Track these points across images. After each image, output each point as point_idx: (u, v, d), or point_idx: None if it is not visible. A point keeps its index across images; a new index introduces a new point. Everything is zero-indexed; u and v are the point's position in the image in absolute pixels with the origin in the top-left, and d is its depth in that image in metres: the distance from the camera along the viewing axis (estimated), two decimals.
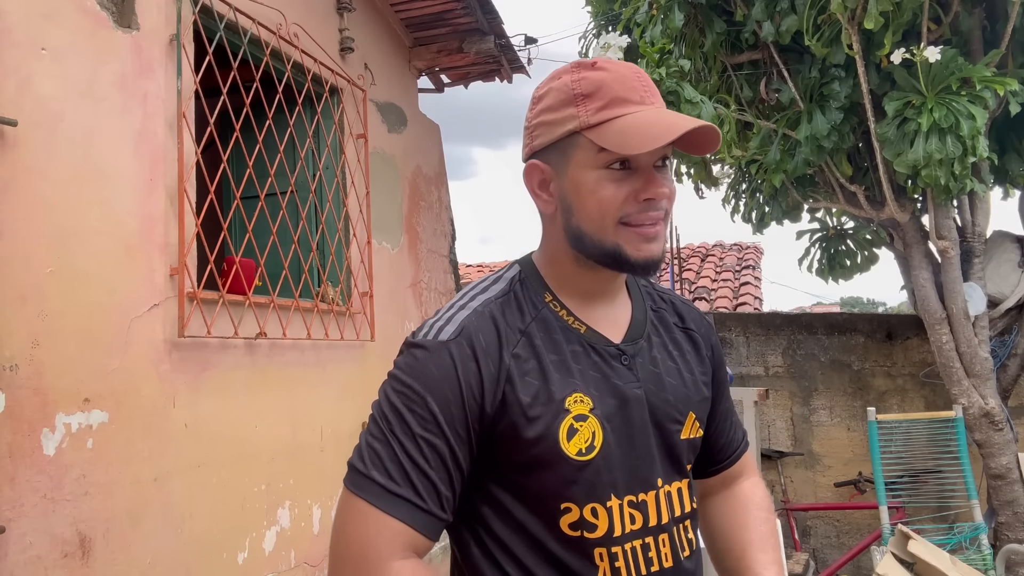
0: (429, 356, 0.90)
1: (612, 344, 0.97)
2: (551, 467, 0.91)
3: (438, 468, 0.87)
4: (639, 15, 3.81)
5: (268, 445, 3.18)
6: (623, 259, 0.92)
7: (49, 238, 2.28)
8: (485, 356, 0.90)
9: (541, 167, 0.96)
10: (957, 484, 3.81)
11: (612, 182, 0.91)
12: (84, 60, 2.45)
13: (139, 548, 2.51)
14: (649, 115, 0.90)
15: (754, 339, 4.99)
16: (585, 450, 0.91)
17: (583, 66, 0.94)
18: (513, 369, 0.91)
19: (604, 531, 0.92)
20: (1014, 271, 3.95)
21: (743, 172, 4.21)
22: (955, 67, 2.99)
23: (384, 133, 4.34)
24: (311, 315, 3.49)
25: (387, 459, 0.87)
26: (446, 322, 0.93)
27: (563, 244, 0.97)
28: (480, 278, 1.03)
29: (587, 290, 0.99)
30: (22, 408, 2.16)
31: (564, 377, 0.93)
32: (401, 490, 0.86)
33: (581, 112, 0.91)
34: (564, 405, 0.91)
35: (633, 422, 0.96)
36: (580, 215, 0.93)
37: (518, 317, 0.95)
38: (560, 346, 0.94)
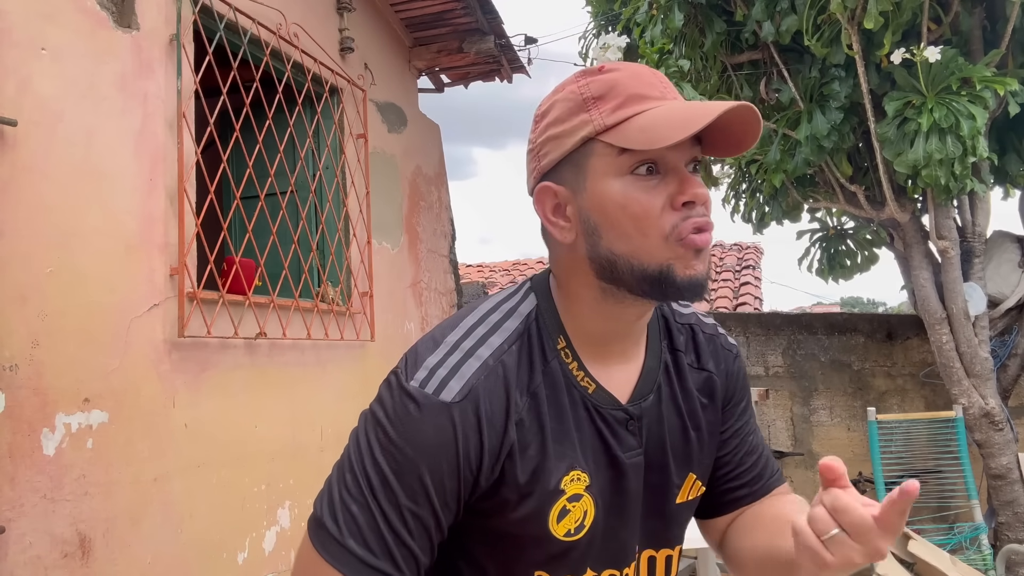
0: (427, 418, 0.76)
1: (620, 407, 0.85)
2: (535, 543, 0.83)
3: (420, 538, 0.78)
4: (639, 15, 3.81)
5: (268, 445, 3.18)
6: (671, 281, 0.77)
7: (49, 238, 2.28)
8: (489, 427, 0.78)
9: (554, 189, 0.82)
10: (957, 484, 3.81)
11: (642, 190, 0.77)
12: (84, 60, 2.45)
13: (139, 548, 2.51)
14: (674, 106, 0.77)
15: (754, 339, 4.99)
16: (574, 531, 0.83)
17: (589, 72, 0.82)
18: (515, 442, 0.80)
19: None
20: (1014, 271, 3.95)
21: (743, 172, 4.21)
22: (955, 67, 2.99)
23: (384, 133, 4.34)
24: (311, 315, 3.49)
25: (366, 528, 0.76)
26: (450, 374, 0.79)
27: (587, 277, 0.82)
28: (492, 300, 0.88)
29: (605, 334, 0.85)
30: (22, 408, 2.16)
31: (564, 451, 0.82)
32: (380, 563, 0.76)
33: (595, 115, 0.78)
34: (560, 486, 0.81)
35: (628, 493, 0.86)
36: (611, 236, 0.78)
37: (527, 372, 0.82)
38: (564, 411, 0.83)
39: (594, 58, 3.50)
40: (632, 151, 0.76)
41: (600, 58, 3.40)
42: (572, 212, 0.81)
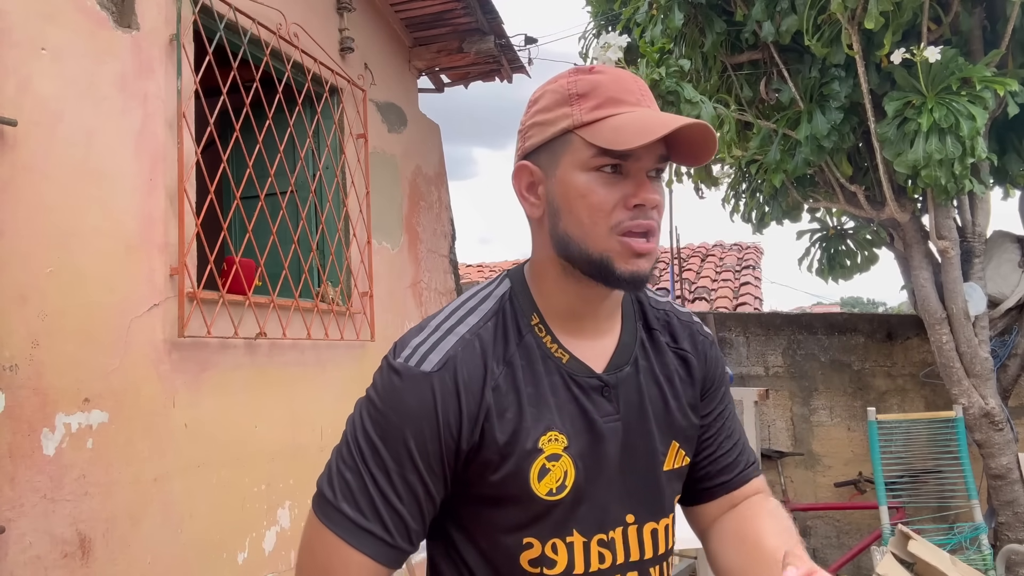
0: (409, 386, 0.85)
1: (594, 375, 0.92)
2: (519, 504, 0.88)
3: (409, 503, 0.85)
4: (639, 15, 3.81)
5: (268, 445, 3.18)
6: (609, 271, 0.86)
7: (49, 238, 2.28)
8: (467, 392, 0.85)
9: (531, 168, 0.91)
10: (957, 484, 3.81)
11: (603, 185, 0.85)
12: (84, 60, 2.45)
13: (139, 548, 2.51)
14: (644, 113, 0.86)
15: (754, 339, 4.99)
16: (556, 490, 0.88)
17: (580, 70, 0.90)
18: (492, 406, 0.86)
19: (563, 568, 0.89)
20: (1014, 271, 3.95)
21: (743, 172, 4.21)
22: (955, 67, 2.99)
23: (384, 133, 4.34)
24: (311, 315, 3.49)
25: (358, 492, 0.84)
26: (431, 348, 0.87)
27: (550, 252, 0.91)
28: (472, 289, 0.98)
29: (574, 308, 0.93)
30: (22, 408, 2.16)
31: (540, 413, 0.88)
32: (370, 525, 0.84)
33: (575, 111, 0.87)
34: (537, 445, 0.87)
35: (608, 458, 0.91)
36: (568, 219, 0.87)
37: (503, 344, 0.90)
38: (540, 378, 0.90)
39: (594, 58, 3.50)
40: (602, 150, 0.85)
41: (601, 57, 3.40)
42: (542, 192, 0.91)
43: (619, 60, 3.33)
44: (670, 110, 3.31)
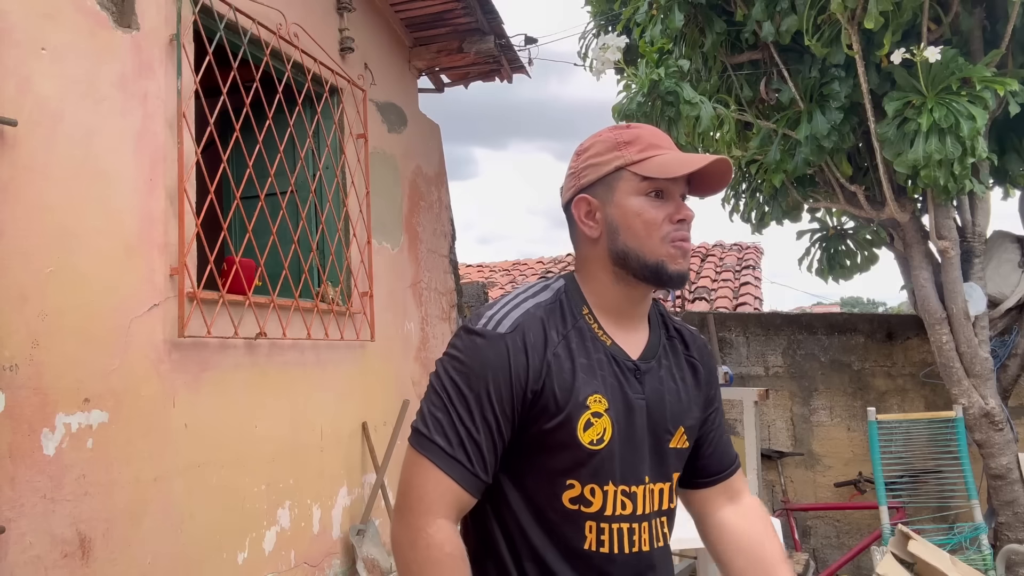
0: (488, 344, 1.08)
1: (630, 359, 1.16)
2: (567, 449, 1.09)
3: (487, 437, 1.06)
4: (639, 15, 3.81)
5: (268, 445, 3.18)
6: (663, 271, 1.12)
7: (49, 238, 2.28)
8: (533, 351, 1.09)
9: (589, 199, 1.16)
10: (957, 484, 3.81)
11: (653, 207, 1.12)
12: (84, 60, 2.45)
13: (139, 548, 2.51)
14: (678, 154, 1.14)
15: (754, 339, 4.99)
16: (596, 441, 1.10)
17: (621, 127, 1.18)
18: (552, 365, 1.09)
19: (598, 508, 1.11)
20: (1014, 271, 3.95)
21: (743, 172, 4.21)
22: (955, 67, 2.99)
23: (384, 133, 4.34)
24: (311, 315, 3.49)
25: (447, 426, 1.06)
26: (503, 317, 1.11)
27: (605, 264, 1.16)
28: (529, 284, 1.20)
29: (618, 308, 1.18)
30: (22, 408, 2.16)
31: (589, 379, 1.11)
32: (456, 453, 1.05)
33: (625, 153, 1.14)
34: (585, 402, 1.09)
35: (635, 426, 1.14)
36: (627, 235, 1.13)
37: (560, 323, 1.14)
38: (590, 353, 1.13)
39: (594, 58, 3.49)
40: (649, 179, 1.12)
41: (599, 59, 3.40)
42: (600, 217, 1.16)
43: (618, 60, 3.33)
44: (670, 110, 3.31)
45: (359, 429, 3.86)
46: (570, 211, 1.19)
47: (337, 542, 3.60)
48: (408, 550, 1.05)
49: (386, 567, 3.73)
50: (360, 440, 3.86)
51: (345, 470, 3.70)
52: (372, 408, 3.92)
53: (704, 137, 3.34)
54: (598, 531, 1.11)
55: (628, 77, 3.44)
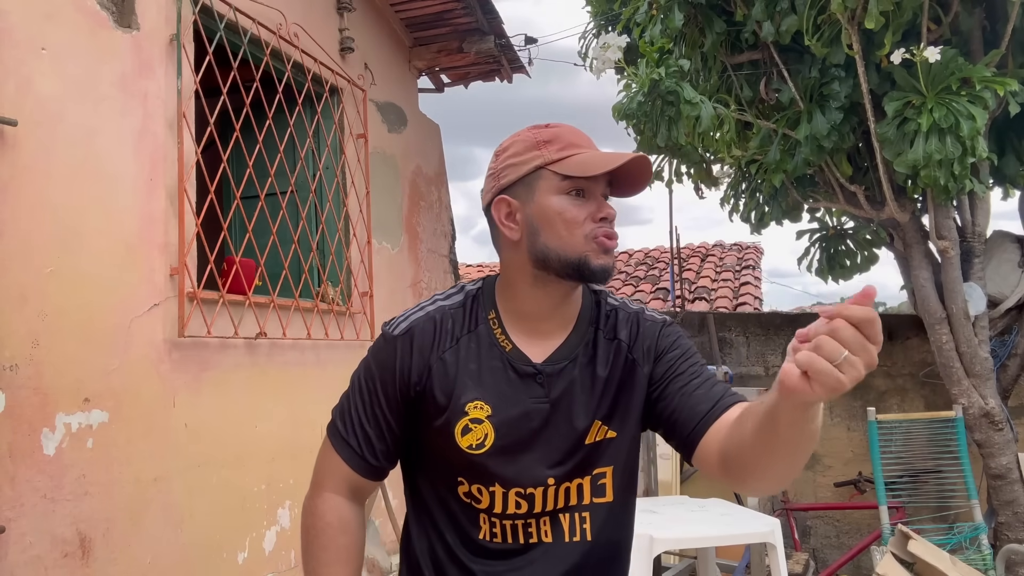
0: (384, 345, 1.19)
1: (530, 364, 1.16)
2: (449, 451, 1.15)
3: (374, 428, 1.18)
4: (639, 15, 3.80)
5: (268, 445, 3.18)
6: (586, 267, 1.11)
7: (49, 238, 2.28)
8: (419, 353, 1.16)
9: (509, 200, 1.15)
10: (957, 484, 3.81)
11: (574, 205, 1.12)
12: (84, 60, 2.45)
13: (139, 548, 2.52)
14: (597, 153, 1.13)
15: (754, 339, 4.99)
16: (475, 446, 1.14)
17: (540, 126, 1.17)
18: (436, 369, 1.15)
19: (487, 506, 1.16)
20: (1014, 271, 3.95)
21: (743, 172, 4.21)
22: (955, 67, 2.98)
23: (384, 133, 4.34)
24: (311, 315, 3.49)
25: (346, 413, 1.20)
26: (404, 320, 1.19)
27: (524, 266, 1.15)
28: (455, 284, 1.27)
29: (532, 312, 1.18)
30: (22, 408, 2.16)
31: (473, 385, 1.15)
32: (348, 437, 1.19)
33: (544, 152, 1.13)
34: (464, 408, 1.14)
35: (532, 431, 1.15)
36: (548, 234, 1.12)
37: (459, 327, 1.18)
38: (482, 360, 1.16)
39: (594, 58, 3.49)
40: (570, 178, 1.11)
41: (600, 57, 3.40)
42: (520, 218, 1.14)
43: (618, 60, 3.33)
44: (670, 110, 3.31)
45: None
46: (490, 213, 1.18)
47: None
48: (302, 517, 1.22)
49: (386, 567, 3.73)
50: None
51: None
52: None
53: (704, 137, 3.34)
54: (491, 524, 1.17)
55: (628, 77, 3.44)
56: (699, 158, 4.12)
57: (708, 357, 4.85)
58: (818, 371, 0.77)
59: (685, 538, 2.55)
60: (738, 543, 3.47)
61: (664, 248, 10.53)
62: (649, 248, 10.96)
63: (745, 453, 1.00)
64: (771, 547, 2.46)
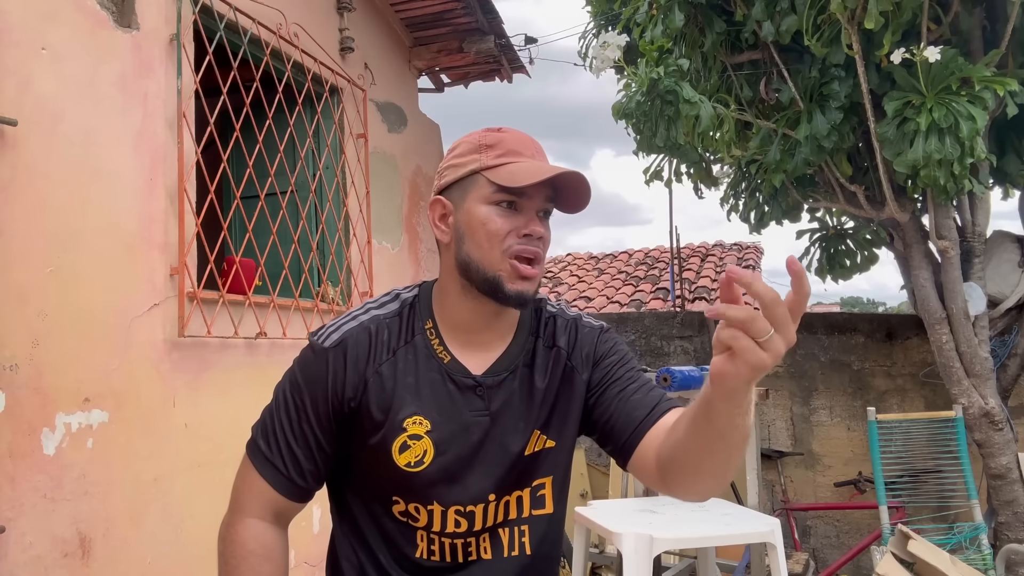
0: (313, 357, 1.10)
1: (470, 376, 1.11)
2: (386, 468, 1.09)
3: (303, 447, 1.09)
4: (639, 15, 3.80)
5: None
6: (499, 290, 1.06)
7: (49, 238, 2.28)
8: (353, 367, 1.08)
9: (443, 202, 1.12)
10: (957, 484, 3.81)
11: (500, 216, 1.06)
12: (84, 60, 2.45)
13: (139, 548, 2.52)
14: (533, 163, 1.08)
15: None
16: (414, 463, 1.08)
17: (491, 129, 1.13)
18: (372, 383, 1.09)
19: (425, 524, 1.11)
20: (1014, 271, 3.95)
21: (743, 172, 4.21)
22: (955, 67, 2.98)
23: (384, 133, 4.34)
24: (311, 315, 3.49)
25: (269, 432, 1.11)
26: (335, 330, 1.12)
27: (452, 273, 1.11)
28: (388, 291, 1.20)
29: (466, 321, 1.12)
30: (22, 408, 2.16)
31: (412, 400, 1.09)
32: (273, 458, 1.10)
33: (483, 157, 1.09)
34: (403, 424, 1.08)
35: (472, 445, 1.10)
36: (470, 243, 1.08)
37: (395, 338, 1.12)
38: (420, 373, 1.10)
39: (594, 57, 3.49)
40: (503, 188, 1.06)
41: (600, 56, 3.39)
42: (451, 222, 1.11)
43: (618, 59, 3.33)
44: (669, 110, 3.31)
45: None
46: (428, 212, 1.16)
47: None
48: (219, 543, 1.14)
49: None
50: None
51: None
52: None
53: (704, 137, 3.34)
54: (429, 541, 1.12)
55: (628, 76, 3.44)
56: (699, 158, 4.12)
57: (708, 357, 4.86)
58: (742, 348, 0.77)
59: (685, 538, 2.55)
60: (738, 543, 3.47)
61: (664, 248, 10.54)
62: (649, 248, 10.97)
63: (680, 454, 0.99)
64: (771, 547, 2.46)
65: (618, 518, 2.48)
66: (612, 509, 2.73)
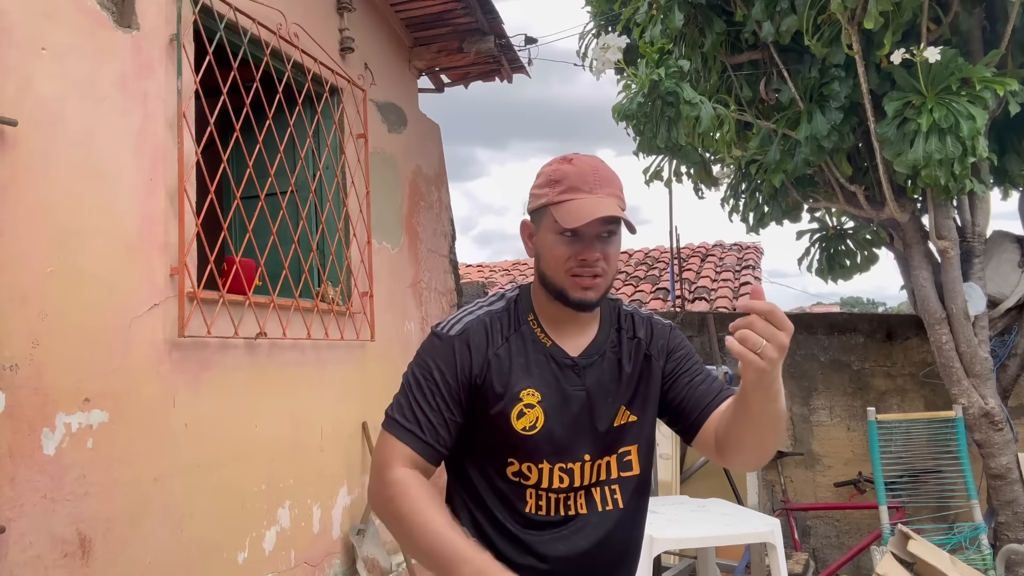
0: (441, 343, 1.33)
1: (569, 357, 1.36)
2: (504, 434, 1.31)
3: (436, 415, 1.29)
4: (639, 15, 3.80)
5: (268, 445, 3.18)
6: (565, 298, 1.31)
7: (49, 238, 2.28)
8: (477, 351, 1.32)
9: (530, 225, 1.38)
10: (957, 484, 3.81)
11: (563, 245, 1.30)
12: (84, 60, 2.45)
13: (139, 548, 2.52)
14: (590, 202, 1.28)
15: None
16: (528, 428, 1.31)
17: (564, 159, 1.34)
18: (493, 364, 1.33)
19: (535, 481, 1.34)
20: (1014, 271, 3.95)
21: (743, 172, 4.21)
22: (955, 67, 2.98)
23: (384, 133, 4.34)
24: (311, 315, 3.49)
25: (405, 407, 1.31)
26: (457, 322, 1.36)
27: (538, 281, 1.37)
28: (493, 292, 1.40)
29: (555, 315, 1.37)
30: (22, 408, 2.16)
31: (524, 376, 1.33)
32: (410, 426, 1.29)
33: (551, 193, 1.31)
34: (519, 395, 1.32)
35: (572, 414, 1.34)
36: (543, 263, 1.34)
37: (506, 328, 1.37)
38: (529, 354, 1.35)
39: (593, 58, 3.49)
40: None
41: (600, 59, 3.39)
42: (535, 242, 1.37)
43: (618, 61, 3.33)
44: (670, 111, 3.31)
45: (359, 429, 3.86)
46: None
47: (337, 542, 3.60)
48: (377, 496, 1.29)
49: (386, 567, 3.73)
50: (360, 440, 3.86)
51: (345, 470, 3.70)
52: (372, 408, 3.92)
53: (704, 137, 3.34)
54: (537, 497, 1.34)
55: (628, 77, 3.44)
56: (699, 158, 4.12)
57: (708, 357, 4.86)
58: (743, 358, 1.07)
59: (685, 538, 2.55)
60: (738, 543, 3.47)
61: (664, 248, 10.53)
62: (649, 248, 10.96)
63: (729, 432, 1.28)
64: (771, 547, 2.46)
65: None
66: None
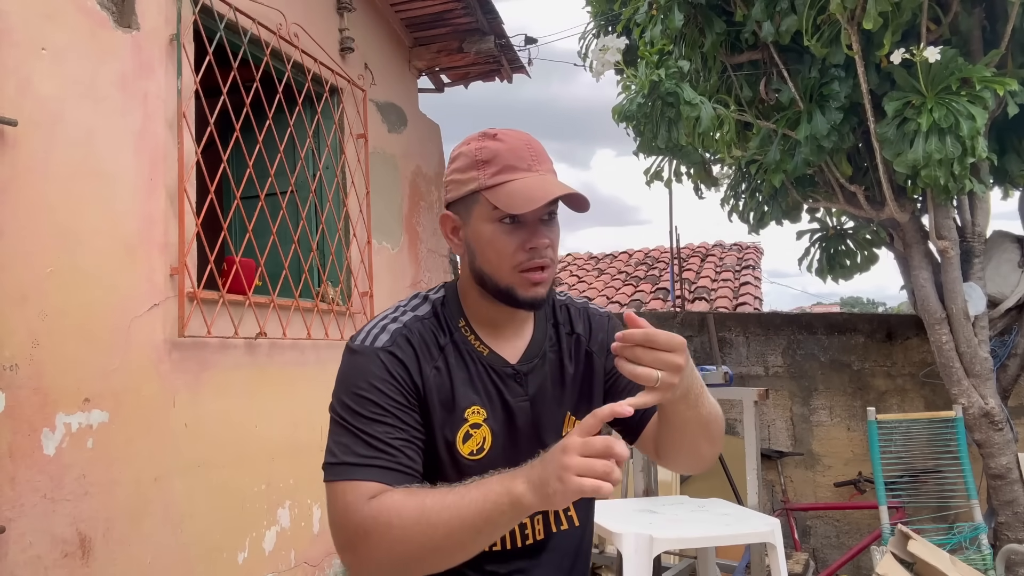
0: (367, 359, 1.10)
1: (509, 365, 1.19)
2: (447, 462, 1.13)
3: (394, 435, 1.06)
4: (639, 15, 3.80)
5: (268, 445, 3.18)
6: (514, 298, 1.12)
7: (49, 238, 2.28)
8: (413, 362, 1.11)
9: (452, 217, 1.17)
10: (957, 484, 3.81)
11: (504, 234, 1.10)
12: (84, 60, 2.45)
13: (139, 548, 2.52)
14: (531, 181, 1.10)
15: (754, 339, 4.99)
16: (476, 451, 1.15)
17: (487, 136, 1.14)
18: (431, 380, 1.12)
19: None
20: (1014, 271, 3.95)
21: (743, 172, 4.21)
22: (955, 67, 2.98)
23: (384, 133, 4.34)
24: (311, 315, 3.49)
25: (353, 444, 1.05)
26: (380, 331, 1.13)
27: (470, 280, 1.17)
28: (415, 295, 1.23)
29: (491, 318, 1.19)
30: (22, 408, 2.16)
31: (466, 392, 1.15)
32: (363, 460, 1.04)
33: (480, 175, 1.11)
34: (464, 415, 1.14)
35: (519, 429, 1.18)
36: (481, 259, 1.13)
37: (440, 336, 1.17)
38: (467, 368, 1.16)
39: (593, 59, 3.49)
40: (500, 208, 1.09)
41: (599, 60, 3.40)
42: (462, 235, 1.16)
43: (617, 62, 3.33)
44: (670, 111, 3.31)
45: None
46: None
47: None
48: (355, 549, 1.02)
49: None
50: None
51: None
52: None
53: (704, 137, 3.34)
54: None
55: (628, 78, 3.44)
56: (699, 158, 4.12)
57: (708, 357, 4.86)
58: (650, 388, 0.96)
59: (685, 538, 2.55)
60: (738, 543, 3.47)
61: (664, 248, 10.54)
62: (649, 248, 10.97)
63: (661, 438, 1.19)
64: (771, 547, 2.46)
65: (618, 518, 2.48)
66: (612, 509, 2.73)
